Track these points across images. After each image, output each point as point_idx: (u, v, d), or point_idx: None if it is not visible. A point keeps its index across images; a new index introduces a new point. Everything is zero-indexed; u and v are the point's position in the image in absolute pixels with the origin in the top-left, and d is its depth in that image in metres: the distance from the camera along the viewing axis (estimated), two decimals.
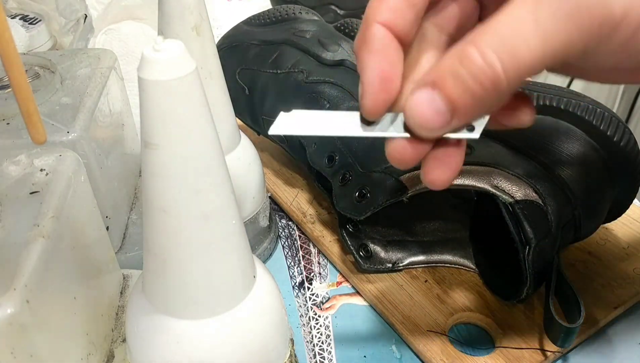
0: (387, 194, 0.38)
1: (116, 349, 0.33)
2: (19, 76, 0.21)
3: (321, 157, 0.44)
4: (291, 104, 0.47)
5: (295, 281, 0.44)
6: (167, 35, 0.31)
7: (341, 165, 0.42)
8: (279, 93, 0.48)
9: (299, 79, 0.47)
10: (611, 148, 0.38)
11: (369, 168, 0.40)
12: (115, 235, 0.40)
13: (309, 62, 0.48)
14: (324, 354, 0.39)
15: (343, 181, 0.41)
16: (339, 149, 0.43)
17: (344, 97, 0.45)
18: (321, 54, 0.48)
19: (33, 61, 0.39)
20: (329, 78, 0.46)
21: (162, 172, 0.23)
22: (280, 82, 0.48)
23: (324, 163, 0.43)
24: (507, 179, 0.37)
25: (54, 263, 0.26)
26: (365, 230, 0.43)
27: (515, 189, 0.37)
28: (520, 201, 0.36)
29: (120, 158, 0.42)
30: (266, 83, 0.45)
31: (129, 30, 0.55)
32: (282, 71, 0.49)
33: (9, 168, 0.30)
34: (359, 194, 0.40)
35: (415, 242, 0.44)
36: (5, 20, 0.20)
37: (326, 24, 0.53)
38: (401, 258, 0.43)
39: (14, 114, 0.35)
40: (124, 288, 0.37)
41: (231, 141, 0.40)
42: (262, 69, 0.39)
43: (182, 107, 0.22)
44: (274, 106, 0.41)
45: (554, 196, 0.37)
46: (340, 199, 0.41)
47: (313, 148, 0.45)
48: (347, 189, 0.41)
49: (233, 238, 0.26)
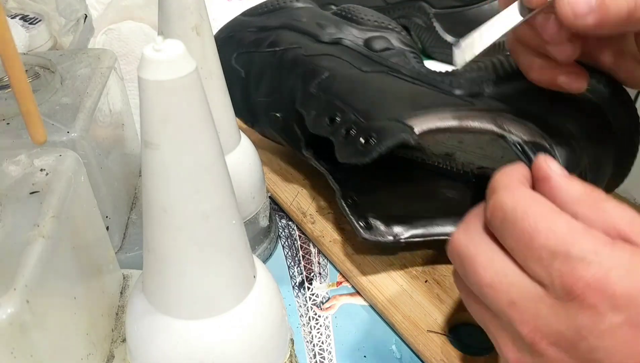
0: (394, 136, 0.37)
1: (116, 349, 0.33)
2: (19, 76, 0.21)
3: (322, 120, 0.42)
4: (288, 81, 0.46)
5: (295, 281, 0.44)
6: (167, 35, 0.31)
7: (343, 122, 0.40)
8: (276, 70, 0.47)
9: (297, 53, 0.47)
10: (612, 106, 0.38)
11: (374, 119, 0.39)
12: (115, 235, 0.40)
13: (307, 41, 0.48)
14: (324, 354, 0.39)
15: (346, 134, 0.40)
16: (340, 109, 0.41)
17: (343, 65, 0.45)
18: (319, 34, 0.48)
19: (33, 61, 0.39)
20: (328, 52, 0.46)
21: (162, 172, 0.23)
22: (278, 59, 0.47)
23: (324, 124, 0.42)
24: (514, 122, 0.37)
25: (54, 263, 0.26)
26: (366, 204, 0.42)
27: (523, 131, 0.36)
28: (529, 142, 0.36)
29: (120, 157, 0.42)
30: (262, 63, 0.44)
31: (129, 30, 0.55)
32: (280, 48, 0.48)
33: (9, 168, 0.30)
34: (365, 141, 0.38)
35: (417, 217, 0.43)
36: (5, 21, 0.20)
37: (322, 11, 0.53)
38: (402, 231, 0.42)
39: (14, 114, 0.35)
40: (124, 288, 0.37)
41: (231, 141, 0.40)
42: (259, 50, 0.38)
43: (182, 107, 0.22)
44: (270, 86, 0.41)
45: (561, 144, 0.37)
46: (343, 150, 0.39)
47: (312, 115, 0.43)
48: (351, 139, 0.39)
49: (233, 238, 0.26)
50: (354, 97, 0.41)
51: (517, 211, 0.28)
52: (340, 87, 0.42)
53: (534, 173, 0.31)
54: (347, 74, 0.44)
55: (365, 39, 0.48)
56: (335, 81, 0.43)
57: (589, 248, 0.26)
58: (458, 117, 0.38)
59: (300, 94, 0.45)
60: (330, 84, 0.43)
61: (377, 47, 0.47)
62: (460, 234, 0.31)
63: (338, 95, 0.42)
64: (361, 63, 0.45)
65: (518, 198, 0.29)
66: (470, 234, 0.30)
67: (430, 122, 0.37)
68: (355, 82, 0.43)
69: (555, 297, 0.26)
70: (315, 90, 0.43)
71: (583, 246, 0.26)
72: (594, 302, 0.25)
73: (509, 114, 0.37)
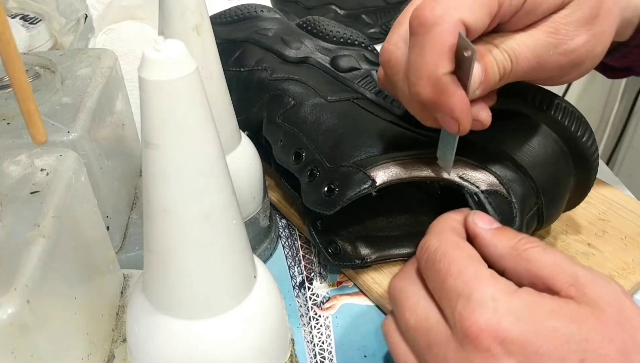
0: (355, 187, 0.38)
1: (117, 349, 0.33)
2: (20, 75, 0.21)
3: (288, 154, 0.43)
4: (255, 102, 0.47)
5: (296, 281, 0.44)
6: (168, 35, 0.31)
7: (308, 161, 0.42)
8: (243, 91, 0.48)
9: (262, 77, 0.47)
10: (571, 141, 0.38)
11: (337, 163, 0.40)
12: (116, 235, 0.40)
13: (272, 60, 0.49)
14: (324, 354, 0.39)
15: (311, 176, 0.41)
16: (305, 145, 0.42)
17: (308, 93, 0.45)
18: (284, 51, 0.49)
19: (33, 61, 0.39)
20: (293, 75, 0.47)
21: (163, 172, 0.23)
22: (244, 80, 0.48)
23: (290, 160, 0.43)
24: (472, 169, 0.38)
25: (55, 263, 0.26)
26: (333, 227, 0.43)
27: (481, 179, 0.37)
28: (486, 191, 0.37)
29: (120, 157, 0.42)
30: (230, 81, 0.45)
31: (130, 30, 0.55)
32: (245, 68, 0.49)
33: (10, 167, 0.30)
34: (328, 189, 0.40)
35: (384, 237, 0.44)
36: (6, 20, 0.20)
37: (288, 22, 0.53)
38: (369, 253, 0.43)
39: (15, 114, 0.35)
40: (124, 288, 0.37)
41: (231, 141, 0.40)
42: (225, 68, 0.39)
43: (183, 107, 0.22)
44: (237, 105, 0.42)
45: (518, 185, 0.37)
46: (309, 195, 0.41)
47: (279, 145, 0.44)
48: (315, 184, 0.40)
49: (233, 237, 0.26)
50: (319, 134, 0.43)
51: (437, 253, 0.31)
52: (305, 121, 0.44)
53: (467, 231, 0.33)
54: (312, 104, 0.44)
55: (331, 57, 0.48)
56: (300, 112, 0.44)
57: (489, 295, 0.28)
58: (420, 168, 0.39)
59: (266, 122, 0.46)
60: (295, 115, 0.44)
61: (344, 66, 0.47)
62: (397, 279, 0.34)
63: (303, 129, 0.43)
64: (327, 90, 0.46)
65: (442, 241, 0.31)
66: (405, 279, 0.33)
67: (392, 173, 0.38)
68: (320, 115, 0.44)
69: (458, 340, 0.28)
70: (281, 120, 0.45)
71: (484, 292, 0.28)
72: (487, 346, 0.27)
73: (468, 161, 0.38)
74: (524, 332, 0.26)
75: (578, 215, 0.46)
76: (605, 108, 1.33)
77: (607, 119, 1.33)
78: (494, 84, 0.33)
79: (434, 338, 0.29)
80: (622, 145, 1.32)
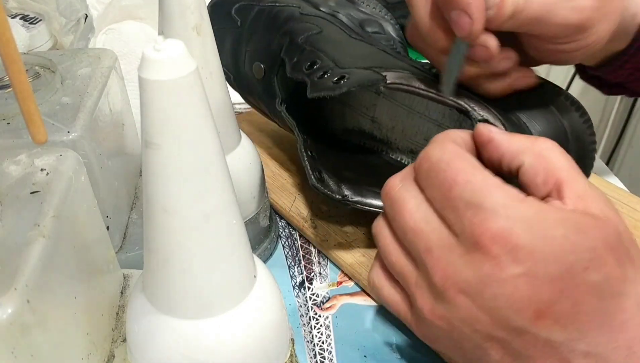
0: (365, 78, 0.38)
1: (117, 349, 0.33)
2: (20, 75, 0.21)
3: (302, 66, 0.43)
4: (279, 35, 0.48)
5: (296, 281, 0.44)
6: (168, 35, 0.31)
7: (321, 67, 0.42)
8: (270, 23, 0.49)
9: (293, 11, 0.48)
10: (575, 126, 0.39)
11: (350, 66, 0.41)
12: (116, 235, 0.40)
13: (306, 5, 0.50)
14: (324, 354, 0.39)
15: (322, 76, 0.41)
16: (321, 57, 0.43)
17: (334, 28, 0.46)
18: (320, 3, 0.50)
19: (33, 61, 0.39)
20: (322, 16, 0.48)
21: (163, 172, 0.23)
22: (275, 14, 0.49)
23: (303, 69, 0.43)
24: (478, 104, 0.38)
25: (55, 263, 0.26)
26: (324, 161, 0.43)
27: (486, 111, 0.38)
28: (489, 122, 0.37)
29: (120, 157, 0.42)
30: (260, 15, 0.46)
31: (130, 30, 0.55)
32: (280, 4, 0.50)
33: (10, 167, 0.30)
34: (337, 79, 0.39)
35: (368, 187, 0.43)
36: (6, 20, 0.20)
37: None
38: (352, 194, 0.42)
39: (15, 113, 0.35)
40: (124, 287, 0.37)
41: (231, 141, 0.40)
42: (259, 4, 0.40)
43: (183, 107, 0.22)
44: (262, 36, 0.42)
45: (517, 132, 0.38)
46: (316, 85, 0.40)
47: (294, 61, 0.44)
48: (325, 79, 0.40)
49: (233, 237, 0.26)
50: (337, 51, 0.43)
51: (441, 162, 0.30)
52: (326, 43, 0.44)
53: (476, 141, 0.33)
54: (335, 35, 0.45)
55: (360, 19, 0.50)
56: (322, 37, 0.45)
57: (500, 202, 0.28)
58: (429, 85, 0.39)
59: (287, 43, 0.46)
60: (317, 39, 0.45)
61: (370, 29, 0.49)
62: (396, 179, 0.33)
63: (322, 49, 0.44)
64: (351, 31, 0.47)
65: (444, 151, 0.31)
66: (405, 181, 0.33)
67: (403, 78, 0.39)
68: (341, 42, 0.45)
69: (465, 247, 0.28)
70: (302, 41, 0.45)
71: (495, 199, 0.28)
72: (497, 253, 0.27)
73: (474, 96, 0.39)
74: (534, 240, 0.27)
75: None
76: (605, 108, 1.33)
77: (607, 119, 1.33)
78: (506, 16, 0.34)
79: (436, 242, 0.29)
80: (622, 145, 1.32)
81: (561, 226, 0.27)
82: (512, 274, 0.27)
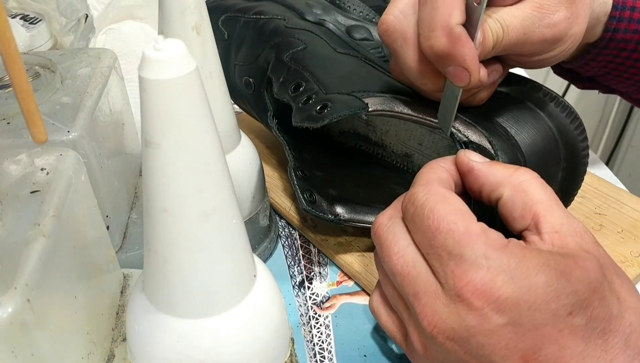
0: (347, 108, 0.38)
1: (117, 348, 0.33)
2: (20, 75, 0.21)
3: (287, 87, 0.43)
4: (265, 49, 0.48)
5: (296, 280, 0.44)
6: (168, 35, 0.31)
7: (306, 90, 0.42)
8: (256, 37, 0.49)
9: (278, 24, 0.48)
10: (565, 132, 0.38)
11: (335, 92, 0.40)
12: (116, 234, 0.40)
13: (292, 16, 0.50)
14: (324, 353, 0.39)
15: (306, 101, 0.41)
16: (306, 79, 0.43)
17: (319, 42, 0.46)
18: (305, 12, 0.50)
19: (33, 61, 0.39)
20: (308, 29, 0.48)
21: (163, 171, 0.23)
22: (260, 27, 0.49)
23: (288, 92, 0.43)
24: (463, 124, 0.38)
25: (55, 262, 0.26)
26: (315, 180, 0.43)
27: (470, 133, 0.38)
28: (474, 143, 0.37)
29: (120, 157, 0.42)
30: (246, 28, 0.46)
31: (130, 30, 0.55)
32: (264, 17, 0.50)
33: (10, 167, 0.30)
34: (320, 108, 0.39)
35: (361, 204, 0.43)
36: (6, 20, 0.20)
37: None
38: (344, 213, 0.42)
39: (15, 113, 0.35)
40: (124, 287, 0.37)
41: (231, 141, 0.40)
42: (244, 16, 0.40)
43: (183, 107, 0.22)
44: (248, 52, 0.42)
45: (506, 152, 0.37)
46: (299, 114, 0.40)
47: (280, 81, 0.44)
48: (308, 106, 0.40)
49: (233, 237, 0.26)
50: (322, 71, 0.43)
51: (425, 208, 0.30)
52: (311, 60, 0.44)
53: (458, 169, 0.33)
54: (321, 51, 0.45)
55: (347, 26, 0.49)
56: (307, 54, 0.45)
57: (481, 253, 0.28)
58: (413, 108, 0.39)
59: (273, 60, 0.46)
60: (302, 56, 0.45)
61: (357, 36, 0.48)
62: (384, 218, 0.33)
63: (307, 67, 0.44)
64: (337, 45, 0.47)
65: (429, 195, 0.31)
66: (393, 219, 0.32)
67: (385, 105, 0.39)
68: (326, 59, 0.44)
69: (449, 297, 0.28)
70: (288, 59, 0.45)
71: (476, 251, 0.28)
72: (480, 306, 0.27)
73: (460, 117, 0.38)
74: (516, 290, 0.27)
75: (574, 210, 0.46)
76: (605, 108, 1.33)
77: (607, 119, 1.33)
78: (489, 49, 0.35)
79: (423, 287, 0.29)
80: (622, 145, 1.32)
81: (542, 274, 0.27)
82: (496, 324, 0.27)
